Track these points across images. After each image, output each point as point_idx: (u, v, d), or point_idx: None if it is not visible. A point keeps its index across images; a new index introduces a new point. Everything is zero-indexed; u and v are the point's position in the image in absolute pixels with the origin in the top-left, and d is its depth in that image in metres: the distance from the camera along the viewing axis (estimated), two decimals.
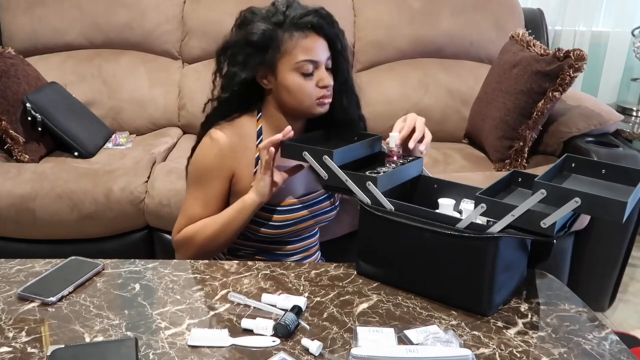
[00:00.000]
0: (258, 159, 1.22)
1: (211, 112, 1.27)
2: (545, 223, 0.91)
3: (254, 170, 1.23)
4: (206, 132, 1.24)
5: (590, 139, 1.92)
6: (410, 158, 1.19)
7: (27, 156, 1.94)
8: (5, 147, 1.95)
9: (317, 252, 1.40)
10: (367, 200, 1.06)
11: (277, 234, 1.25)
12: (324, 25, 1.18)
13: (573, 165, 1.06)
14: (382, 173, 1.08)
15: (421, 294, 1.03)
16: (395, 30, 2.42)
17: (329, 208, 1.31)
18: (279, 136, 1.12)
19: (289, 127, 1.14)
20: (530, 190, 0.93)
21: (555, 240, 0.99)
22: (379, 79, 2.41)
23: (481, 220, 1.00)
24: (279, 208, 1.23)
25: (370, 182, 1.04)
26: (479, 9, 2.44)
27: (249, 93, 1.24)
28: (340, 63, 1.23)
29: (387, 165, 1.15)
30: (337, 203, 1.33)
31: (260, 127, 1.25)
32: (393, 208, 1.03)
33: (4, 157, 1.96)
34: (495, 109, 2.03)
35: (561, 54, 1.82)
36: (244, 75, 1.19)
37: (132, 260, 1.14)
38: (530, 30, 2.16)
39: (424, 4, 2.43)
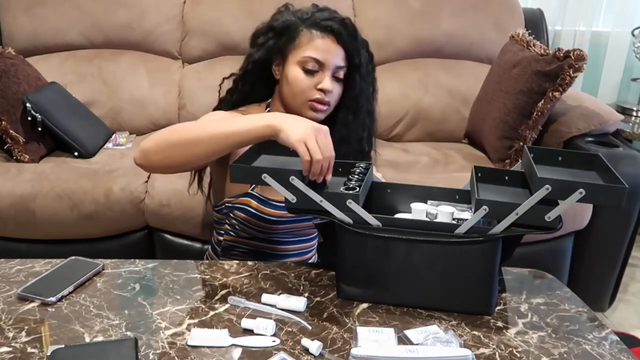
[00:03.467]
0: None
1: (224, 97, 1.29)
2: (550, 217, 0.91)
3: None
4: None
5: (590, 139, 1.93)
6: (358, 164, 1.13)
7: (27, 156, 1.94)
8: (5, 147, 1.96)
9: (313, 258, 1.37)
10: (348, 220, 0.98)
11: (271, 229, 1.23)
12: (343, 33, 1.19)
13: (532, 155, 1.05)
14: (357, 189, 1.00)
15: (418, 306, 1.00)
16: (395, 30, 2.42)
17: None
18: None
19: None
20: (495, 185, 1.00)
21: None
22: (379, 79, 2.38)
23: (448, 219, 1.02)
24: (274, 202, 1.22)
25: (351, 200, 0.96)
26: (479, 9, 2.45)
27: (262, 82, 1.26)
28: (354, 79, 1.23)
29: (350, 177, 1.07)
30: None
31: None
32: (380, 224, 0.98)
33: (4, 157, 1.96)
34: (495, 109, 2.03)
35: (561, 54, 1.82)
36: (258, 56, 1.22)
37: (132, 260, 1.14)
38: (530, 30, 2.17)
39: (424, 4, 2.43)
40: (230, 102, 1.28)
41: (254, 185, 1.22)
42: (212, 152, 1.03)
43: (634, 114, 2.60)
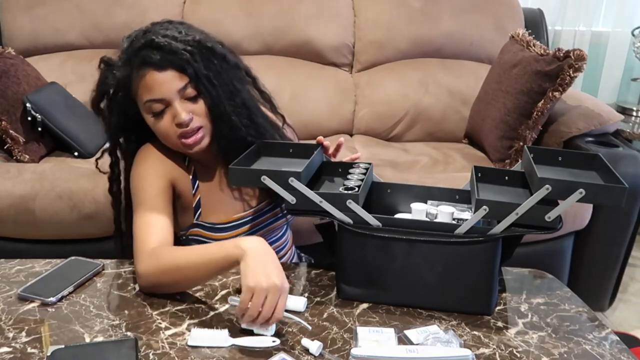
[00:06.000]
0: (194, 179, 1.16)
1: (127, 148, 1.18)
2: (550, 217, 0.91)
3: (194, 190, 1.17)
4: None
5: (590, 139, 1.93)
6: (358, 164, 1.13)
7: (27, 156, 1.94)
8: (5, 147, 1.95)
9: (289, 253, 1.34)
10: (348, 220, 0.99)
11: None
12: (158, 59, 1.04)
13: (532, 155, 1.05)
14: (357, 189, 1.01)
15: (418, 306, 1.00)
16: (395, 30, 2.42)
17: (273, 219, 1.24)
18: None
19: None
20: (495, 185, 0.99)
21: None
22: (379, 79, 2.41)
23: (448, 220, 1.02)
24: (220, 226, 1.18)
25: (351, 200, 0.96)
26: (479, 9, 2.44)
27: (141, 128, 1.15)
28: (202, 87, 1.07)
29: (349, 177, 1.07)
30: (285, 212, 1.25)
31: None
32: (380, 224, 0.98)
33: (4, 157, 1.96)
34: (495, 109, 2.03)
35: (561, 54, 1.82)
36: (123, 119, 1.12)
37: (132, 260, 1.14)
38: (530, 30, 2.17)
39: (424, 4, 2.43)
40: (132, 147, 1.18)
41: (198, 214, 1.18)
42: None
43: (634, 114, 2.60)
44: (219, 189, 1.20)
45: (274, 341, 0.88)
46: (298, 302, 0.98)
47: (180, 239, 1.24)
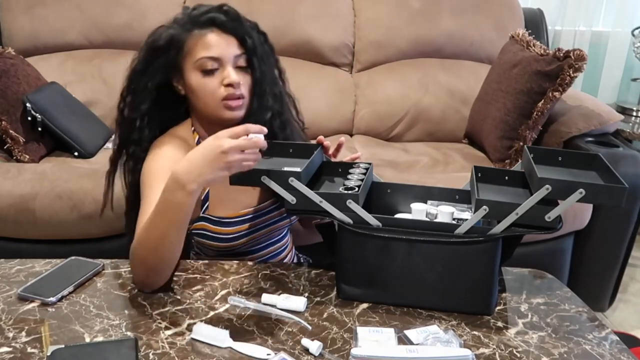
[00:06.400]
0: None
1: (137, 137, 1.19)
2: (550, 217, 0.91)
3: None
4: (142, 154, 1.17)
5: (590, 139, 1.93)
6: (357, 164, 1.13)
7: (27, 156, 1.94)
8: (5, 147, 1.95)
9: (289, 255, 1.35)
10: (348, 220, 0.98)
11: (232, 247, 1.20)
12: (226, 21, 1.13)
13: (532, 155, 1.05)
14: (357, 189, 1.01)
15: (418, 306, 1.00)
16: (395, 30, 2.42)
17: (278, 218, 1.25)
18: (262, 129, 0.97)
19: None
20: (495, 185, 1.00)
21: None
22: (379, 79, 2.41)
23: (448, 219, 1.02)
24: (227, 220, 1.18)
25: (351, 200, 0.96)
26: (479, 9, 2.45)
27: (169, 105, 1.19)
28: (253, 62, 1.15)
29: (349, 177, 1.07)
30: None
31: (199, 139, 1.21)
32: (380, 224, 0.98)
33: (4, 157, 1.96)
34: (495, 109, 2.03)
35: (561, 54, 1.82)
36: (156, 81, 1.15)
37: None
38: (530, 30, 2.17)
39: (424, 4, 2.43)
40: (150, 139, 1.19)
41: (205, 207, 1.18)
42: (180, 236, 1.00)
43: (634, 114, 2.60)
44: (228, 183, 1.20)
45: (268, 354, 0.87)
46: (298, 302, 0.98)
47: None
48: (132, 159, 1.21)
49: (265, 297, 1.00)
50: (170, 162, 1.10)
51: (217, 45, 1.12)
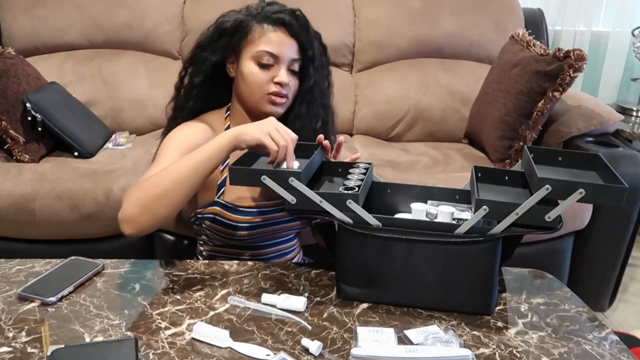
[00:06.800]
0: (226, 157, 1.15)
1: (181, 105, 1.26)
2: (550, 217, 0.91)
3: (222, 167, 1.20)
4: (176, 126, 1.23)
5: (590, 139, 1.93)
6: (360, 164, 1.13)
7: (27, 156, 1.94)
8: (5, 147, 1.95)
9: (296, 258, 1.35)
10: (348, 220, 0.98)
11: (241, 237, 1.21)
12: (295, 25, 1.19)
13: (532, 155, 1.05)
14: (357, 189, 1.01)
15: (418, 306, 1.00)
16: (395, 30, 2.42)
17: (286, 219, 1.25)
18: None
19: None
20: (495, 185, 1.00)
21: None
22: (379, 79, 2.41)
23: (448, 219, 1.02)
24: (241, 208, 1.19)
25: (351, 200, 0.96)
26: (479, 9, 2.45)
27: (220, 84, 1.25)
28: (309, 71, 1.22)
29: (349, 177, 1.07)
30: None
31: (228, 125, 1.25)
32: (380, 224, 0.98)
33: (4, 157, 1.96)
34: (495, 109, 2.03)
35: (561, 54, 1.82)
36: (214, 58, 1.22)
37: (132, 260, 1.14)
38: (530, 30, 2.17)
39: (424, 4, 2.43)
40: (191, 110, 1.25)
41: (220, 192, 1.20)
42: (192, 189, 1.04)
43: (634, 114, 2.60)
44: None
45: (268, 354, 0.87)
46: (298, 302, 0.98)
47: (194, 220, 1.25)
48: (172, 123, 1.26)
49: (265, 297, 1.00)
50: (192, 138, 1.16)
51: (280, 44, 1.18)
